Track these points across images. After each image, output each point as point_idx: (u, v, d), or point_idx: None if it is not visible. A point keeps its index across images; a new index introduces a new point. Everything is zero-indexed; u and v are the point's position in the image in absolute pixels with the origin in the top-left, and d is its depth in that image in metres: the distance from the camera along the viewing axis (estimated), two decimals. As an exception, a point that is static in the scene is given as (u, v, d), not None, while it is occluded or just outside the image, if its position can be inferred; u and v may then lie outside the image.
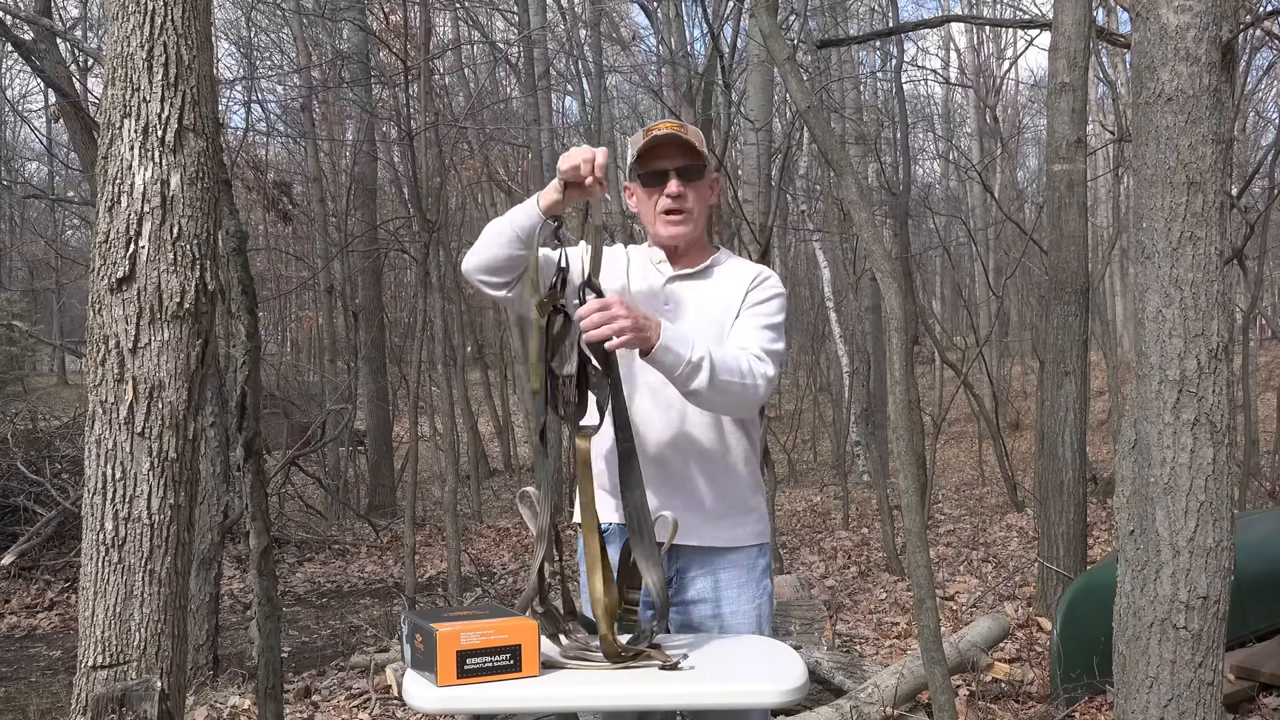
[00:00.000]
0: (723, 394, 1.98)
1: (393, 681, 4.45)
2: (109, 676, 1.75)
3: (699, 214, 2.17)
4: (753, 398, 2.03)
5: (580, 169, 1.93)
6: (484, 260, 2.05)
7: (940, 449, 12.13)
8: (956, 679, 4.00)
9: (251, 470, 3.23)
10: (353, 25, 10.30)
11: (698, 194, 2.16)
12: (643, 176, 2.16)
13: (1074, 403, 4.96)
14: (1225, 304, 2.13)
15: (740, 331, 2.11)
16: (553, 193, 1.98)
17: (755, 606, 2.14)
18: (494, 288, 2.08)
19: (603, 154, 1.93)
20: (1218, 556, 2.13)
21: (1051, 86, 5.10)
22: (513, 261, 2.03)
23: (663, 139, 2.11)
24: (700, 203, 2.17)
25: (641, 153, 2.13)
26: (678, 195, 2.13)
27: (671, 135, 2.10)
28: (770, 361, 2.06)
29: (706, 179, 2.19)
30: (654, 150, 2.13)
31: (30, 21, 5.40)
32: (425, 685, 1.67)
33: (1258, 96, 13.07)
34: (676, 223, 2.15)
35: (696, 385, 1.94)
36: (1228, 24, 2.09)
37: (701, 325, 2.11)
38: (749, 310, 2.13)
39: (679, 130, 2.12)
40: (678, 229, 2.15)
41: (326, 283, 12.21)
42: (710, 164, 2.19)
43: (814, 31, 9.91)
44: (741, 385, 2.00)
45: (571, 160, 1.94)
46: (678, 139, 2.10)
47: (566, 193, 1.98)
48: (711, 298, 2.16)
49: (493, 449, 14.88)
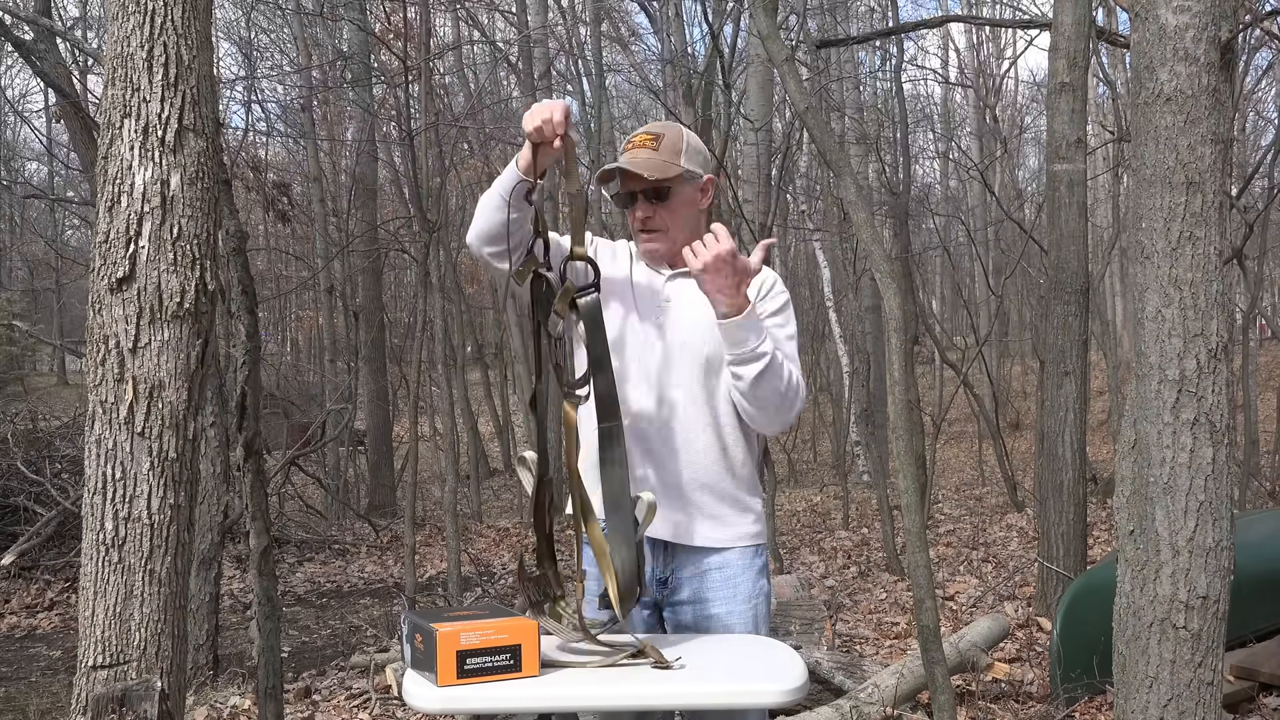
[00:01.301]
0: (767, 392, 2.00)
1: (393, 681, 4.45)
2: (109, 676, 1.75)
3: (675, 227, 2.15)
4: (789, 412, 2.05)
5: (543, 130, 1.88)
6: (480, 229, 2.03)
7: (940, 449, 12.13)
8: (956, 679, 4.00)
9: (251, 470, 3.23)
10: (353, 25, 10.30)
11: (669, 210, 2.14)
12: (615, 197, 2.19)
13: (1074, 403, 4.96)
14: (1225, 304, 2.13)
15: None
16: (526, 152, 1.95)
17: (751, 607, 2.12)
18: (496, 258, 2.05)
19: (561, 108, 1.88)
20: (1217, 556, 2.13)
21: (1051, 86, 5.10)
22: (502, 227, 2.00)
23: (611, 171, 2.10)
24: (674, 216, 2.15)
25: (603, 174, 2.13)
26: (645, 219, 2.14)
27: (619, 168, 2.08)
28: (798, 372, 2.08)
29: (684, 192, 2.15)
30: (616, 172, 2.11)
31: (30, 21, 5.40)
32: (425, 685, 1.67)
33: (1257, 96, 13.08)
34: (649, 239, 2.16)
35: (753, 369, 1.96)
36: (1227, 24, 2.09)
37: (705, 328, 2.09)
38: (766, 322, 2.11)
39: (649, 147, 2.10)
40: (653, 245, 2.16)
41: (326, 283, 12.22)
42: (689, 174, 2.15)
43: (813, 31, 9.92)
44: (782, 393, 2.02)
45: (533, 120, 1.89)
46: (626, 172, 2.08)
47: (538, 152, 1.93)
48: None
49: (493, 449, 14.88)
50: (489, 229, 2.02)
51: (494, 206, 2.00)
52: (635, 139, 2.15)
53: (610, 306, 2.13)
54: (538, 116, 1.89)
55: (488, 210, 2.01)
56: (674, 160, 2.11)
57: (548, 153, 1.94)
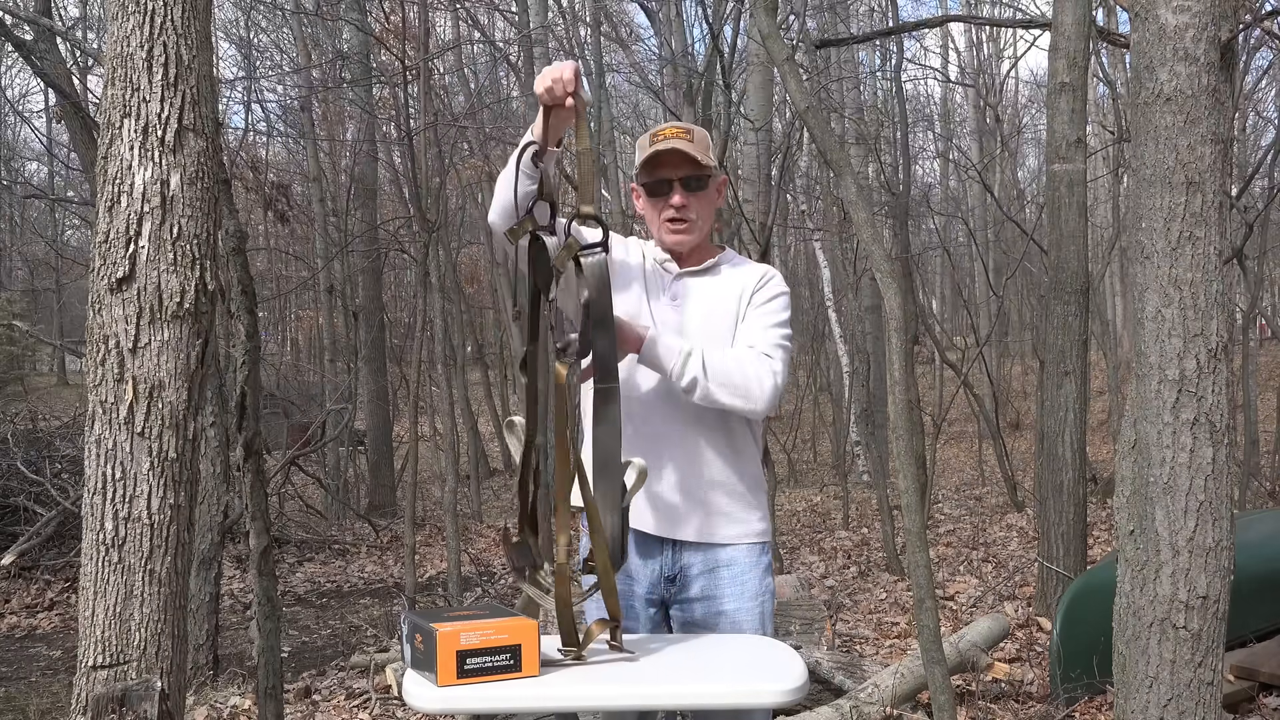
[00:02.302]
0: (724, 388, 2.01)
1: (393, 681, 4.45)
2: (109, 676, 1.75)
3: (703, 221, 2.19)
4: (757, 391, 2.04)
5: (554, 89, 1.87)
6: (499, 204, 2.02)
7: (940, 449, 12.12)
8: (956, 679, 4.00)
9: (251, 470, 3.23)
10: (352, 25, 10.29)
11: (701, 202, 2.17)
12: (647, 185, 2.18)
13: (1074, 403, 4.96)
14: (1225, 304, 2.13)
15: (747, 330, 2.14)
16: (539, 120, 1.95)
17: (758, 604, 2.15)
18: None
19: (570, 67, 1.88)
20: (1217, 556, 2.13)
21: (1051, 86, 5.10)
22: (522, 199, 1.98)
23: (665, 152, 2.11)
24: (704, 209, 2.19)
25: (646, 160, 2.14)
26: (681, 206, 2.14)
27: (674, 150, 2.10)
28: (778, 358, 2.09)
29: (712, 185, 2.20)
30: (658, 159, 2.13)
31: (30, 21, 5.40)
32: (425, 685, 1.67)
33: (1257, 96, 13.07)
34: (680, 231, 2.17)
35: (690, 376, 1.99)
36: (1227, 24, 2.09)
37: (710, 321, 2.14)
38: (755, 309, 2.15)
39: (684, 138, 2.12)
40: (681, 236, 2.17)
41: (326, 283, 12.21)
42: (715, 170, 2.19)
43: (813, 31, 9.91)
44: (743, 377, 2.03)
45: (544, 82, 1.89)
46: (680, 152, 2.10)
47: (551, 117, 1.92)
48: (718, 294, 2.18)
49: (493, 449, 14.87)
50: (505, 202, 2.00)
51: (511, 180, 1.99)
52: (666, 131, 2.15)
53: (625, 293, 2.14)
54: (548, 77, 1.88)
55: (507, 184, 2.00)
56: (706, 154, 2.14)
57: (560, 115, 1.92)
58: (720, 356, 2.04)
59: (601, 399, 1.87)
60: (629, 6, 12.01)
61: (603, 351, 1.87)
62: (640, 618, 2.14)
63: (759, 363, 2.06)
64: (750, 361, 2.05)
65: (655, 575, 2.14)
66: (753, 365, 2.05)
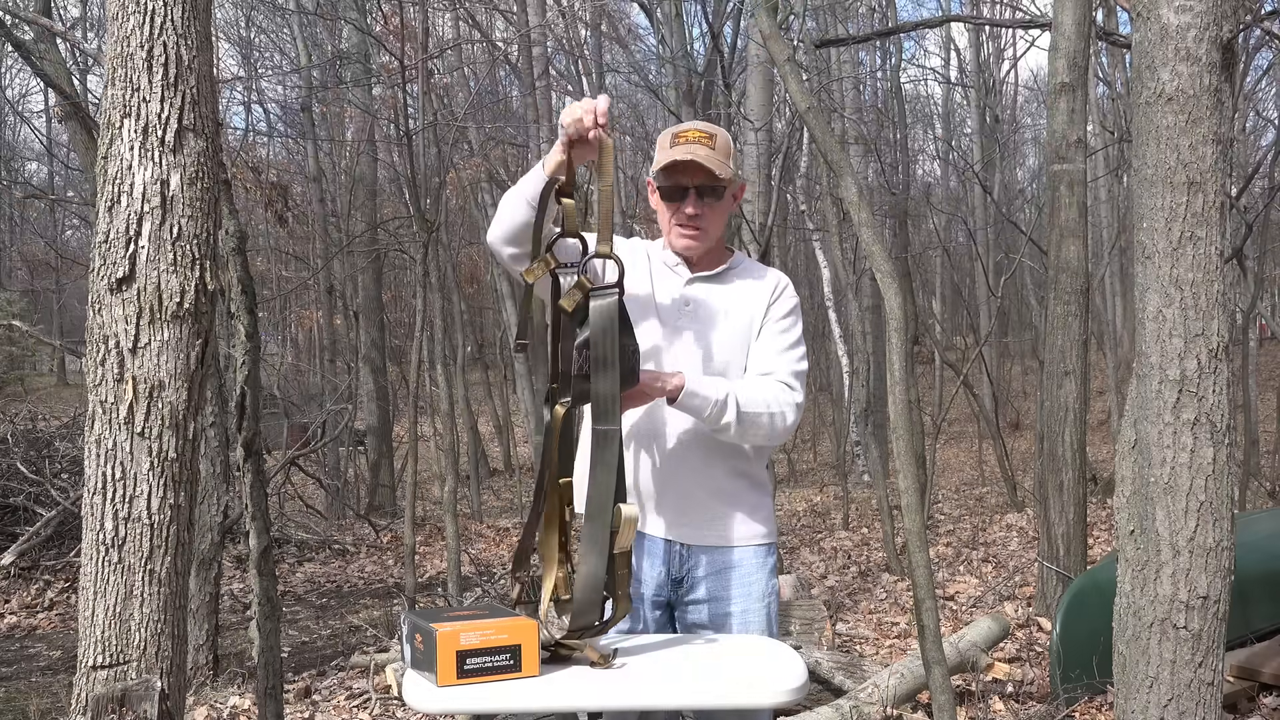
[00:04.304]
0: (752, 427, 2.05)
1: (393, 681, 4.45)
2: (109, 676, 1.75)
3: (715, 228, 2.18)
4: (781, 427, 2.08)
5: (584, 120, 1.85)
6: (501, 230, 2.01)
7: (940, 449, 12.12)
8: (956, 679, 4.00)
9: (251, 470, 3.22)
10: (352, 25, 10.29)
11: (715, 211, 2.16)
12: (663, 189, 2.16)
13: (1074, 403, 4.96)
14: (1225, 304, 2.13)
15: (764, 353, 2.14)
16: (557, 153, 1.91)
17: (764, 605, 2.16)
18: (516, 260, 2.03)
19: (604, 101, 1.86)
20: (1218, 556, 2.13)
21: (1051, 86, 5.10)
22: (527, 229, 1.97)
23: (683, 163, 2.09)
24: (718, 216, 2.17)
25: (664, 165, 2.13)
26: (694, 215, 2.13)
27: (691, 160, 2.08)
28: (798, 387, 2.11)
29: (728, 194, 2.18)
30: (676, 165, 2.11)
31: (30, 21, 5.40)
32: (425, 685, 1.67)
33: (1258, 96, 13.07)
34: (690, 237, 2.16)
35: (726, 421, 2.02)
36: (1228, 24, 2.09)
37: (723, 330, 2.13)
38: (771, 327, 2.15)
39: (706, 144, 2.10)
40: (691, 242, 2.16)
41: (326, 283, 12.22)
42: (734, 178, 2.17)
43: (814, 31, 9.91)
44: (769, 416, 2.06)
45: (573, 113, 1.87)
46: (697, 165, 2.08)
47: (573, 150, 1.90)
48: (732, 305, 2.17)
49: (493, 449, 14.87)
50: (511, 230, 1.99)
51: (517, 208, 1.97)
52: (689, 134, 2.13)
53: (631, 312, 2.13)
54: (579, 109, 1.86)
55: (511, 211, 1.98)
56: (726, 162, 2.12)
57: (583, 149, 1.90)
58: (749, 398, 2.05)
59: (600, 441, 1.84)
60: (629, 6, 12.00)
61: (604, 392, 1.84)
62: (645, 620, 2.15)
63: (781, 396, 2.08)
64: (774, 399, 2.07)
65: (661, 578, 2.14)
66: (777, 403, 2.07)
